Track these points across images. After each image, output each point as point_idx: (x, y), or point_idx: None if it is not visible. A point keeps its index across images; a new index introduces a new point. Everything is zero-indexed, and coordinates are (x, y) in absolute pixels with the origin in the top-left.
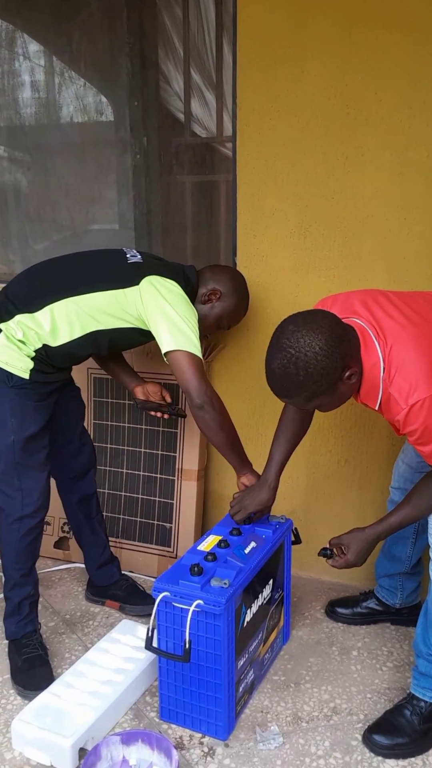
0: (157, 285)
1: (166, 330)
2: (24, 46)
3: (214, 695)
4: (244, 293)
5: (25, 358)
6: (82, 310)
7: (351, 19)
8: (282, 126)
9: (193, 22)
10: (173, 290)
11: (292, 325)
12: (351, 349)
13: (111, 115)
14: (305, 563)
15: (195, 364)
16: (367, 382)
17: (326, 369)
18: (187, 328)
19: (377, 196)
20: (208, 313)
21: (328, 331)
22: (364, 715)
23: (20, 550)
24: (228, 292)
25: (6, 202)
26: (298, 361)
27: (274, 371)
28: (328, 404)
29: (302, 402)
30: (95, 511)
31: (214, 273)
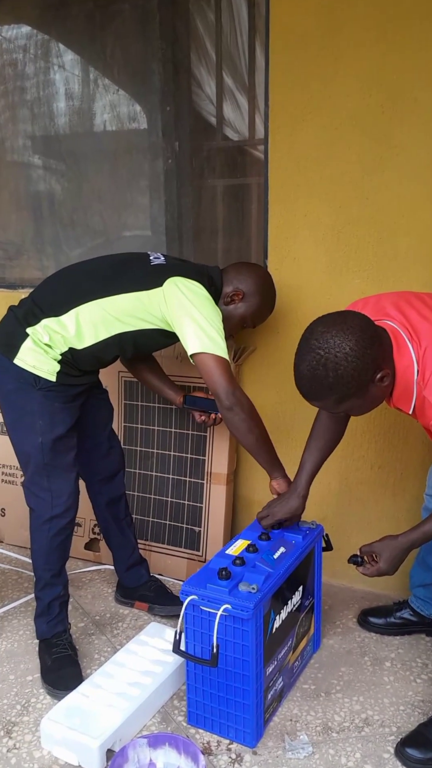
0: (181, 286)
1: (191, 332)
2: (59, 56)
3: (242, 701)
4: (269, 292)
5: (51, 362)
6: (107, 313)
7: (386, 18)
8: (315, 127)
9: (225, 25)
10: (197, 291)
11: (322, 326)
12: (383, 351)
13: (144, 122)
14: (337, 571)
15: (222, 366)
16: (401, 385)
17: (357, 370)
18: (212, 330)
19: (413, 197)
20: (232, 313)
21: (358, 331)
22: (396, 727)
23: (50, 550)
24: (251, 292)
25: (41, 209)
26: (328, 363)
27: (303, 373)
28: (359, 407)
29: (332, 405)
30: (124, 513)
31: (239, 272)
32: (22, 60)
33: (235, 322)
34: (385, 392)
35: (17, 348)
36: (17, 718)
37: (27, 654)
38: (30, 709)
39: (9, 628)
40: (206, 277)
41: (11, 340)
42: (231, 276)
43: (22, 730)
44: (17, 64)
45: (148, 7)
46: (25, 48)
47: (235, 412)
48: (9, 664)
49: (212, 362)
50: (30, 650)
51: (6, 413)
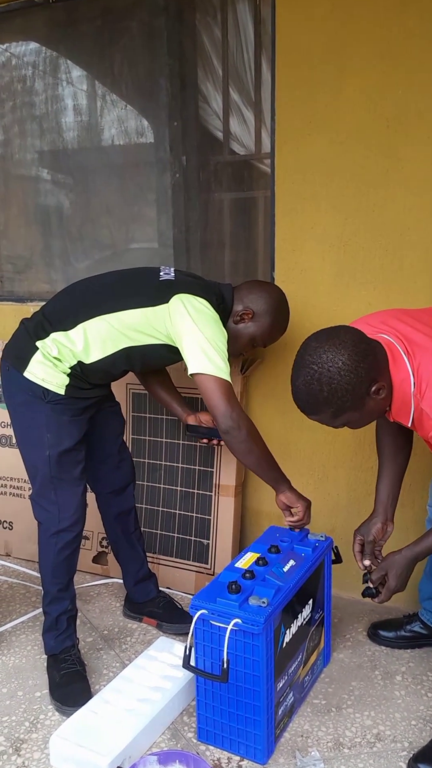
0: (186, 303)
1: (192, 352)
2: (67, 72)
3: (253, 717)
4: (281, 313)
5: (60, 375)
6: (114, 328)
7: (390, 35)
8: (320, 141)
9: (231, 41)
10: (201, 309)
11: (315, 341)
12: (377, 364)
13: (151, 137)
14: (347, 583)
15: (221, 388)
16: (398, 398)
17: (351, 384)
18: (213, 351)
19: (418, 209)
20: (241, 332)
21: (351, 345)
22: (408, 742)
23: (57, 564)
24: (262, 312)
25: (49, 222)
26: (322, 377)
27: (299, 388)
28: (357, 421)
29: (329, 419)
30: (134, 526)
31: (251, 291)
32: (31, 76)
33: (244, 341)
34: (382, 405)
35: (27, 361)
36: (26, 735)
37: (35, 669)
38: (38, 726)
39: (17, 643)
40: (215, 295)
41: (21, 353)
42: (243, 294)
43: (31, 748)
44: (26, 80)
45: (155, 24)
46: (34, 64)
47: (232, 435)
48: (17, 680)
49: (211, 384)
50: (38, 666)
51: (15, 426)
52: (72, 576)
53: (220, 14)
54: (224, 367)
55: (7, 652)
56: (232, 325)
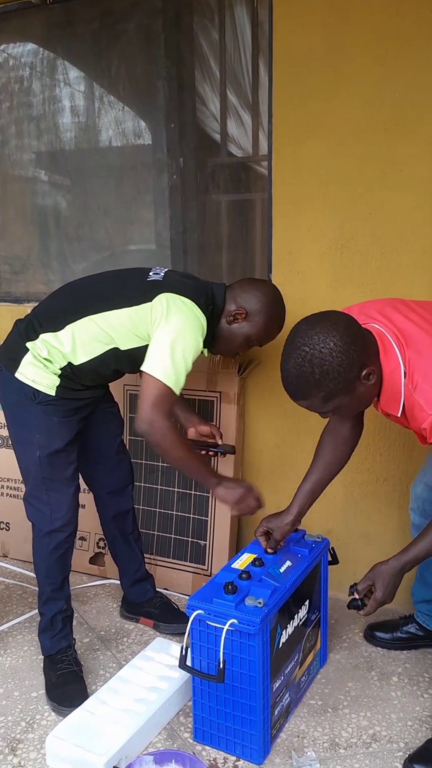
0: (170, 302)
1: (154, 351)
2: (65, 73)
3: (249, 717)
4: (275, 311)
5: (51, 376)
6: (101, 328)
7: (387, 37)
8: (318, 143)
9: (229, 44)
10: (183, 310)
11: (306, 324)
12: (367, 349)
13: (149, 138)
14: (343, 584)
15: (157, 396)
16: (388, 388)
17: (342, 365)
18: (173, 358)
19: (415, 211)
20: (235, 332)
21: (342, 327)
22: (404, 743)
23: (50, 564)
24: (255, 311)
25: (46, 224)
26: (314, 359)
27: (290, 371)
28: (347, 406)
29: (319, 403)
30: (131, 527)
31: (243, 290)
32: (29, 77)
33: (239, 341)
34: (372, 392)
35: (18, 362)
36: (22, 735)
37: (32, 670)
38: (35, 726)
39: (14, 643)
40: (205, 296)
41: (13, 354)
42: (236, 293)
43: (27, 748)
44: (23, 81)
45: (153, 27)
46: (32, 65)
47: (146, 438)
48: (14, 681)
49: (151, 386)
50: (35, 666)
51: (9, 427)
52: (66, 576)
53: (218, 17)
54: (173, 376)
55: (4, 653)
56: (225, 325)
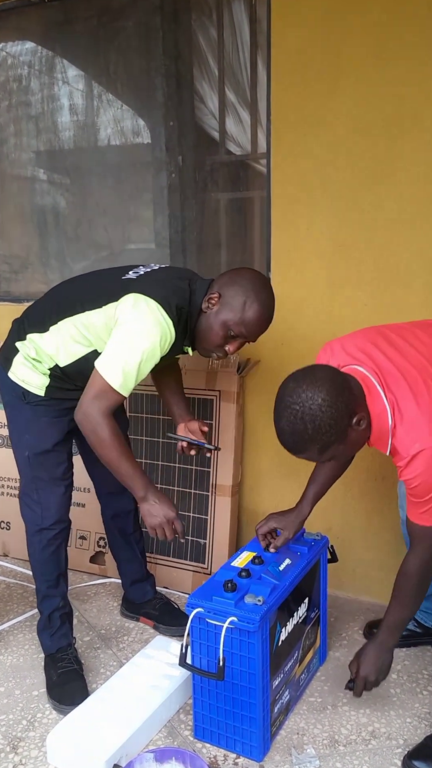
0: (135, 302)
1: (109, 349)
2: (63, 71)
3: (249, 715)
4: (254, 294)
5: (40, 376)
6: (78, 330)
7: (385, 35)
8: (316, 142)
9: (227, 41)
10: (145, 312)
11: (293, 382)
12: (354, 396)
13: (147, 136)
14: (343, 582)
15: (102, 393)
16: (376, 429)
17: (333, 418)
18: (121, 362)
19: (413, 210)
20: (210, 320)
21: (327, 381)
22: (403, 740)
23: (43, 560)
24: (232, 294)
25: (45, 223)
26: (305, 416)
27: (283, 429)
28: (342, 453)
29: (316, 455)
30: (131, 528)
31: (222, 275)
32: (27, 75)
33: (217, 330)
34: (365, 434)
35: (11, 362)
36: (23, 734)
37: (33, 669)
38: (36, 725)
39: (15, 642)
40: (179, 297)
41: (7, 353)
42: (218, 281)
43: (28, 746)
44: (22, 80)
45: (151, 24)
46: (30, 63)
47: (80, 426)
48: (15, 679)
49: (97, 383)
50: (36, 665)
51: (8, 426)
52: (61, 572)
53: (216, 14)
54: (120, 379)
55: (5, 652)
56: (204, 315)
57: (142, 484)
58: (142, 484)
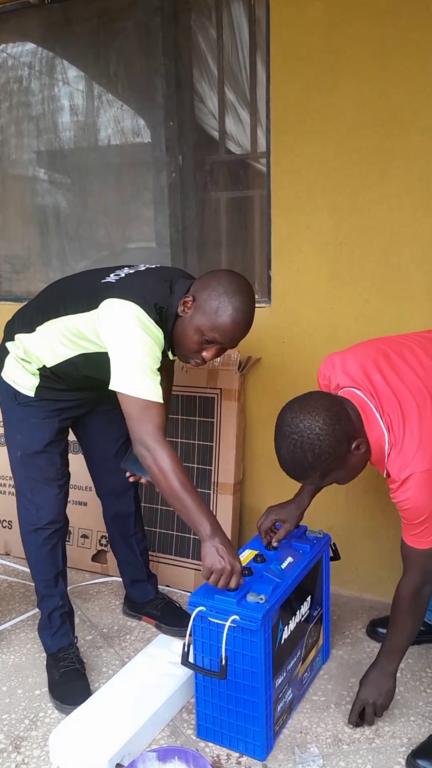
0: (114, 309)
1: (114, 366)
2: (63, 72)
3: (252, 714)
4: (227, 298)
5: (30, 377)
6: (62, 333)
7: (384, 34)
8: (316, 140)
9: (227, 41)
10: (126, 315)
11: (290, 412)
12: (352, 423)
13: (147, 136)
14: (345, 580)
15: (138, 408)
16: (375, 452)
17: (331, 446)
18: (133, 365)
19: (413, 207)
20: (185, 324)
21: (324, 410)
22: (407, 738)
23: (40, 559)
24: (206, 297)
25: (46, 222)
26: (304, 445)
27: (284, 457)
28: (344, 476)
29: (318, 480)
30: (133, 530)
31: (200, 279)
32: (27, 76)
33: (190, 335)
34: (365, 457)
35: (2, 362)
36: (25, 733)
37: (35, 668)
38: (38, 724)
39: (17, 641)
40: (158, 298)
41: (0, 353)
42: (195, 284)
43: (31, 745)
44: (22, 81)
45: (150, 25)
46: (30, 65)
47: (147, 464)
48: (17, 678)
49: (132, 406)
50: (38, 664)
51: (3, 425)
52: (59, 572)
53: (215, 14)
54: (143, 381)
55: (7, 651)
56: (179, 319)
57: (209, 522)
58: (210, 522)
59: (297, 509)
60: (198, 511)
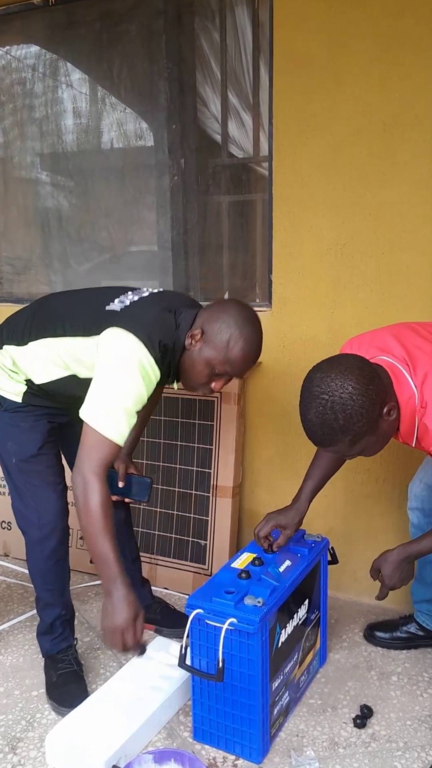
0: (116, 338)
1: (92, 394)
2: (67, 75)
3: (248, 716)
4: (238, 331)
5: (17, 384)
6: (57, 353)
7: (386, 38)
8: (318, 144)
9: (230, 45)
10: (125, 348)
11: (320, 372)
12: (383, 386)
13: (150, 139)
14: (343, 584)
15: (99, 447)
16: (406, 417)
17: (364, 407)
18: (106, 402)
19: (415, 212)
20: (195, 358)
21: (356, 369)
22: (403, 742)
23: (46, 570)
24: (215, 331)
25: (48, 224)
26: (335, 405)
27: (312, 421)
28: (372, 446)
29: (347, 447)
30: (125, 538)
31: (207, 310)
32: (31, 79)
33: (201, 368)
34: (394, 426)
35: None
36: (22, 734)
37: (32, 669)
38: (35, 725)
39: (14, 642)
40: (162, 332)
41: None
42: (200, 316)
43: (27, 746)
44: (26, 83)
45: (154, 28)
46: (34, 67)
47: (76, 494)
48: (14, 679)
49: (91, 438)
50: (35, 665)
51: None
52: (64, 582)
53: (219, 18)
54: (118, 424)
55: (5, 652)
56: (187, 351)
57: (118, 574)
58: (118, 574)
59: (296, 515)
60: (107, 568)
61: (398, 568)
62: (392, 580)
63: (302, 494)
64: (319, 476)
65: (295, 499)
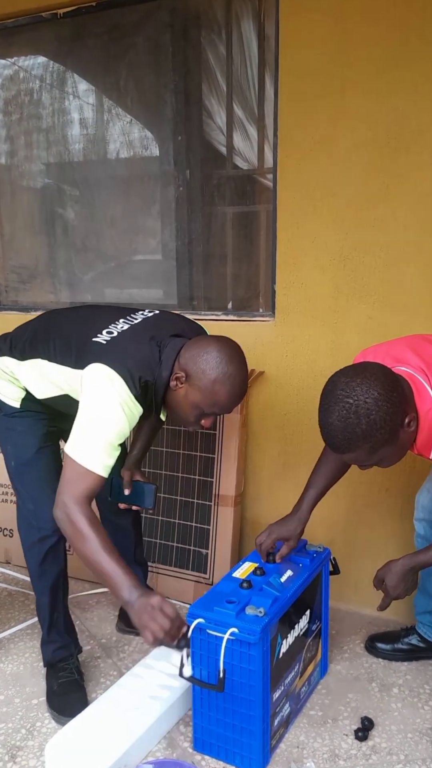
0: (97, 377)
1: (76, 429)
2: (74, 86)
3: (249, 727)
4: (220, 373)
5: (17, 389)
6: (48, 379)
7: (391, 52)
8: (322, 157)
9: (236, 58)
10: (106, 387)
11: (344, 376)
12: (405, 396)
13: (156, 150)
14: (345, 595)
15: (81, 479)
16: (424, 429)
17: (388, 414)
18: (88, 438)
19: (418, 224)
20: (180, 400)
21: (381, 376)
22: (404, 755)
23: (41, 574)
24: (198, 373)
25: (54, 234)
26: (359, 410)
27: (334, 425)
28: (390, 456)
29: (365, 455)
30: (132, 546)
31: (188, 349)
32: (38, 89)
33: (188, 410)
34: (412, 437)
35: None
36: (22, 743)
37: (33, 677)
38: (35, 734)
39: (15, 650)
40: (144, 369)
41: None
42: (185, 355)
43: (27, 755)
44: (33, 93)
45: (160, 40)
46: (42, 78)
47: (62, 527)
48: (15, 687)
49: (71, 470)
50: (36, 673)
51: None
52: (62, 586)
53: (225, 31)
54: (99, 458)
55: (5, 660)
56: (174, 392)
57: (129, 583)
58: (129, 583)
59: (298, 524)
60: (114, 580)
61: (403, 579)
62: (396, 590)
63: (304, 502)
64: (321, 484)
65: (296, 508)
